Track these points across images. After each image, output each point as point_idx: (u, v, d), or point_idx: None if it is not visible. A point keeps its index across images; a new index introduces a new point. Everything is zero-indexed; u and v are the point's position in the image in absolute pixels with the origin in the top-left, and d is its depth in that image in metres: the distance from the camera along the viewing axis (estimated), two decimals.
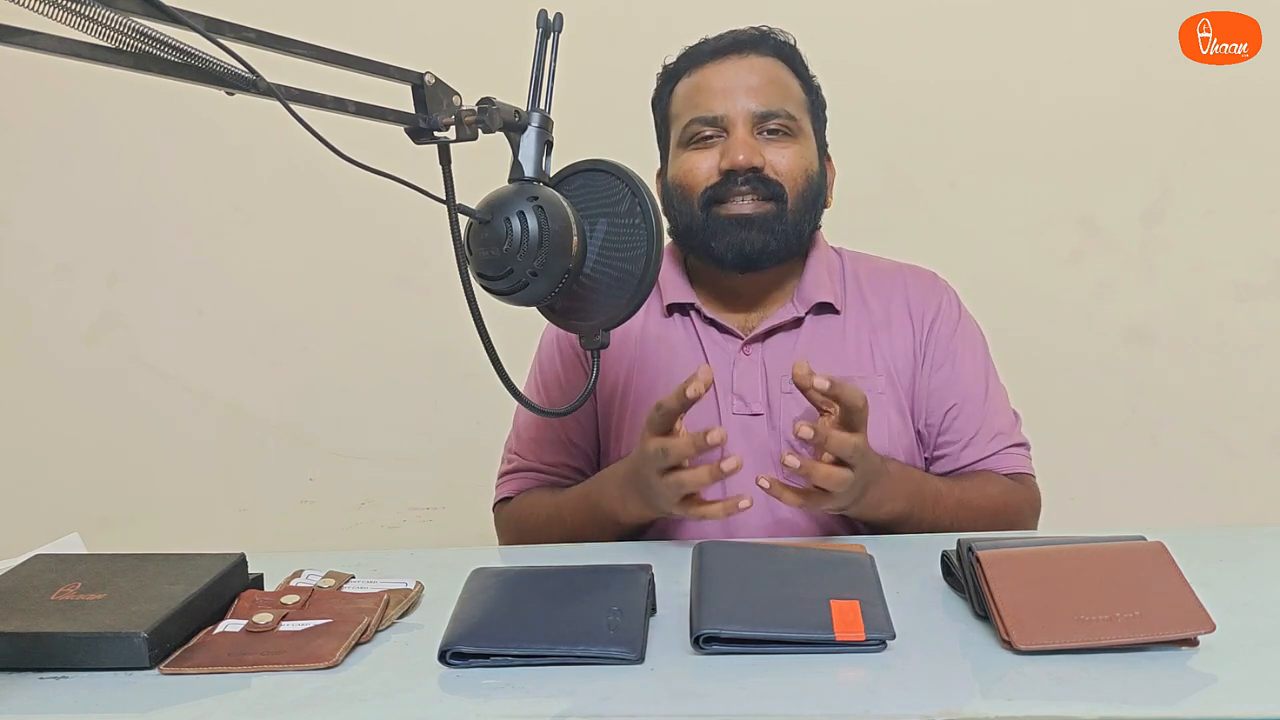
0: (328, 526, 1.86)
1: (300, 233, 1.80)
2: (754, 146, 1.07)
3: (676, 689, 0.65)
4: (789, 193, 1.08)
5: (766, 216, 1.08)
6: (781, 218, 1.08)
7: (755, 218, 1.07)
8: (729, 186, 1.08)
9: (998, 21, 1.66)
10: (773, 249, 1.08)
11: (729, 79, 1.09)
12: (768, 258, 1.09)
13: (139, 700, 0.67)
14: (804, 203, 1.10)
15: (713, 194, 1.08)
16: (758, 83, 1.09)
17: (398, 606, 0.79)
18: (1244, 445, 1.74)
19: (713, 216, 1.09)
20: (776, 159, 1.08)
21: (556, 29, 0.83)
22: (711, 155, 1.09)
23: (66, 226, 1.83)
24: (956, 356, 1.14)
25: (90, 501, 1.82)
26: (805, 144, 1.11)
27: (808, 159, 1.11)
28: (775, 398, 1.09)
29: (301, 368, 1.84)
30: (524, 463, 1.20)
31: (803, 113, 1.12)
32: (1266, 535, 0.94)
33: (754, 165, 1.06)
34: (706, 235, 1.09)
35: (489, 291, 0.80)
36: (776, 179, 1.08)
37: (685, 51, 1.14)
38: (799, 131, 1.10)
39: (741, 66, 1.10)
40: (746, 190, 1.07)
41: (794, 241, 1.11)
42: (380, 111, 0.72)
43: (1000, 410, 1.15)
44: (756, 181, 1.07)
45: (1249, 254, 1.70)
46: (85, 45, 0.55)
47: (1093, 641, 0.66)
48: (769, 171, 1.08)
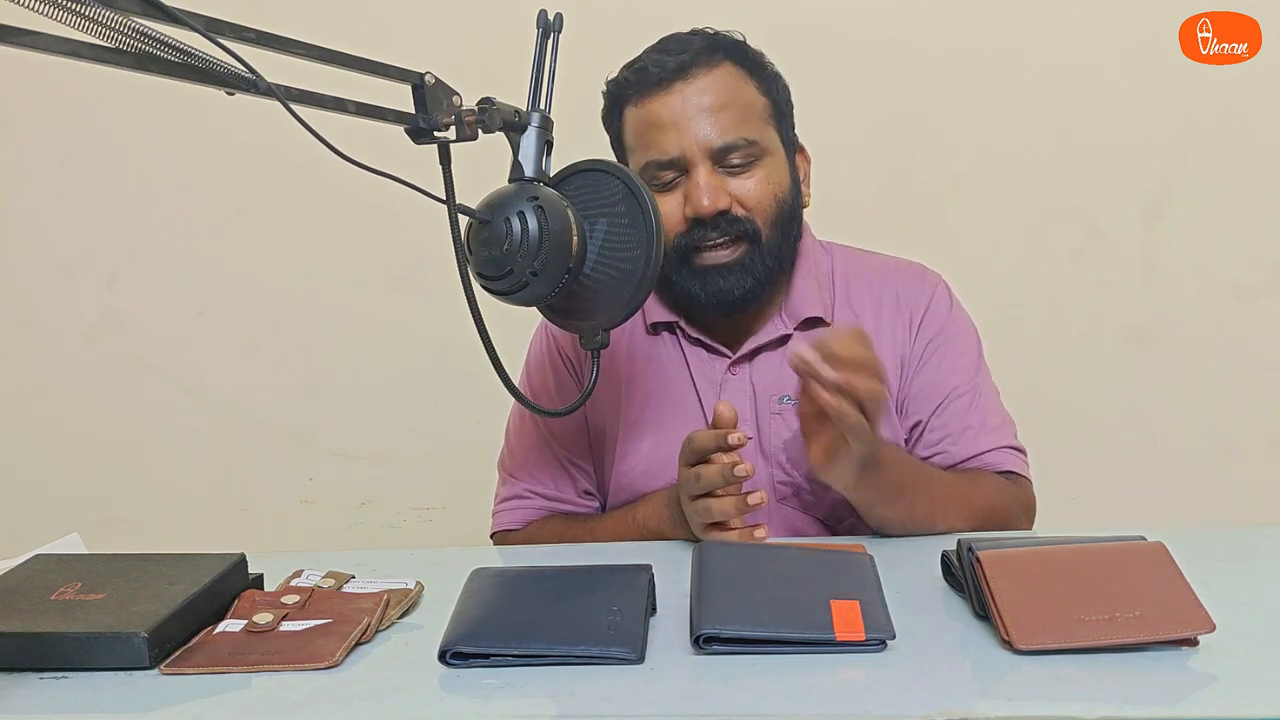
0: (328, 526, 1.86)
1: (300, 233, 1.80)
2: (717, 188, 1.01)
3: (676, 689, 0.65)
4: (761, 225, 1.03)
5: (743, 260, 1.03)
6: (757, 256, 1.04)
7: (733, 265, 1.03)
8: (700, 233, 1.02)
9: (998, 21, 1.66)
10: (754, 289, 1.04)
11: (679, 111, 1.01)
12: (750, 299, 1.05)
13: (139, 700, 0.67)
14: (778, 229, 1.05)
15: (685, 242, 1.03)
16: (711, 106, 1.01)
17: (398, 606, 0.79)
18: (1244, 445, 1.74)
19: (690, 266, 1.04)
20: (743, 192, 1.03)
21: (556, 29, 0.84)
22: (675, 199, 1.03)
23: (67, 226, 1.83)
24: (945, 353, 1.10)
25: (90, 501, 1.82)
26: (771, 163, 1.05)
27: (776, 180, 1.05)
28: (764, 419, 1.07)
29: (301, 368, 1.84)
30: (526, 489, 1.16)
31: (764, 126, 1.05)
32: (1266, 535, 0.94)
33: (720, 209, 1.01)
34: (685, 282, 1.05)
35: (489, 291, 0.80)
36: (746, 216, 1.03)
37: (627, 75, 1.06)
38: (763, 153, 1.04)
39: (691, 93, 1.01)
40: (716, 235, 1.02)
41: (775, 272, 1.07)
42: (380, 111, 0.72)
43: (991, 409, 1.11)
44: (725, 224, 1.02)
45: (1249, 254, 1.70)
46: (85, 45, 0.55)
47: (1093, 641, 0.66)
48: (736, 210, 1.03)
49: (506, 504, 1.17)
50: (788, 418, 1.06)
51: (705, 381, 1.09)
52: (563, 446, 1.16)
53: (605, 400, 1.12)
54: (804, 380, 0.86)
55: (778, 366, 1.08)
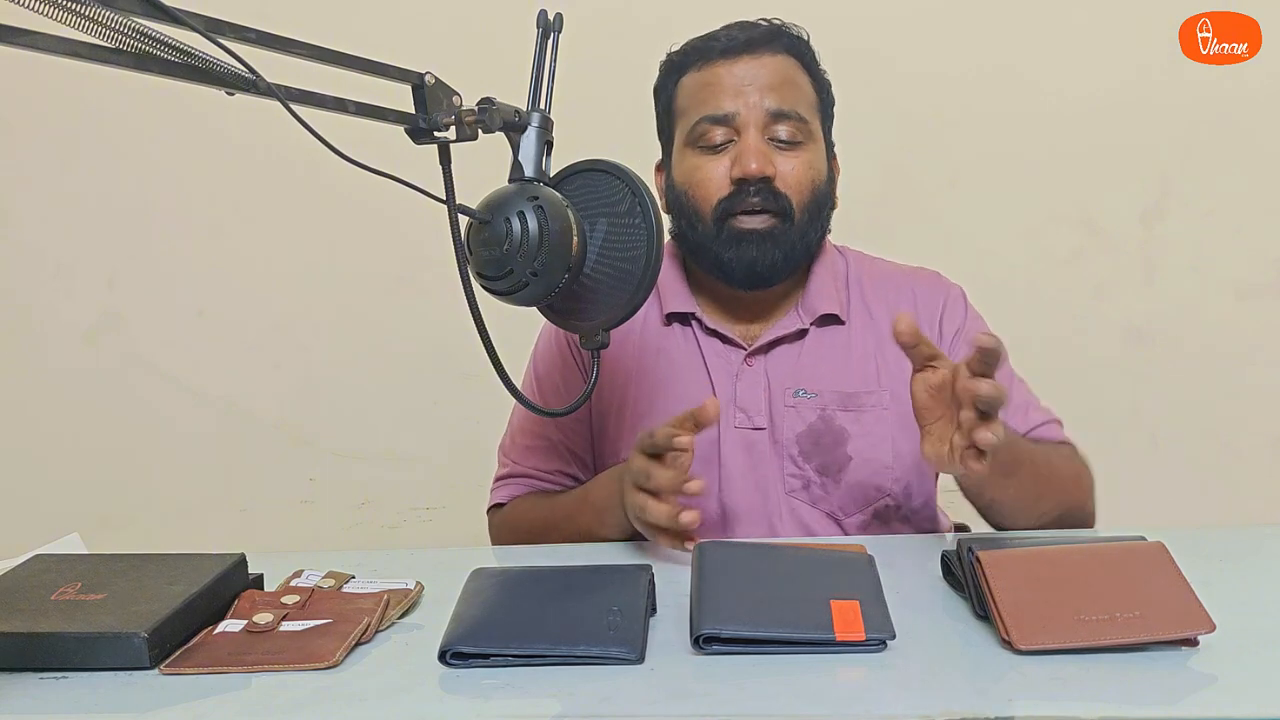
0: (328, 526, 1.86)
1: (300, 233, 1.80)
2: (766, 154, 1.04)
3: (676, 689, 0.65)
4: (795, 207, 1.06)
5: (774, 232, 1.05)
6: (788, 233, 1.06)
7: (765, 233, 1.05)
8: (741, 198, 1.05)
9: (998, 21, 1.66)
10: (781, 264, 1.06)
11: (741, 76, 1.06)
12: (776, 273, 1.07)
13: (139, 700, 0.67)
14: (809, 215, 1.07)
15: (726, 206, 1.05)
16: (771, 81, 1.06)
17: (398, 606, 0.79)
18: (1244, 445, 1.74)
19: (726, 230, 1.06)
20: (785, 169, 1.05)
21: (556, 29, 0.84)
22: (722, 162, 1.06)
23: (67, 226, 1.83)
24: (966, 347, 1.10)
25: (90, 501, 1.82)
26: (814, 151, 1.08)
27: (816, 168, 1.08)
28: (778, 411, 1.08)
29: (301, 368, 1.84)
30: (518, 468, 1.19)
31: (814, 114, 1.09)
32: (1266, 535, 0.94)
33: (766, 175, 1.04)
34: (719, 248, 1.06)
35: (489, 291, 0.80)
36: (785, 192, 1.05)
37: (694, 44, 1.11)
38: (809, 137, 1.07)
39: (754, 65, 1.06)
40: (757, 202, 1.04)
41: (801, 255, 1.09)
42: (380, 111, 0.72)
43: (1024, 391, 1.11)
44: (767, 193, 1.04)
45: (1249, 254, 1.70)
46: (85, 45, 0.55)
47: (1093, 641, 0.66)
48: (779, 184, 1.05)
49: (498, 482, 1.20)
50: (801, 411, 1.07)
51: (721, 373, 1.10)
52: (559, 429, 1.17)
53: (611, 391, 1.13)
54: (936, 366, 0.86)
55: (794, 360, 1.09)
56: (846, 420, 1.07)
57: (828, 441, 1.06)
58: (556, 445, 1.17)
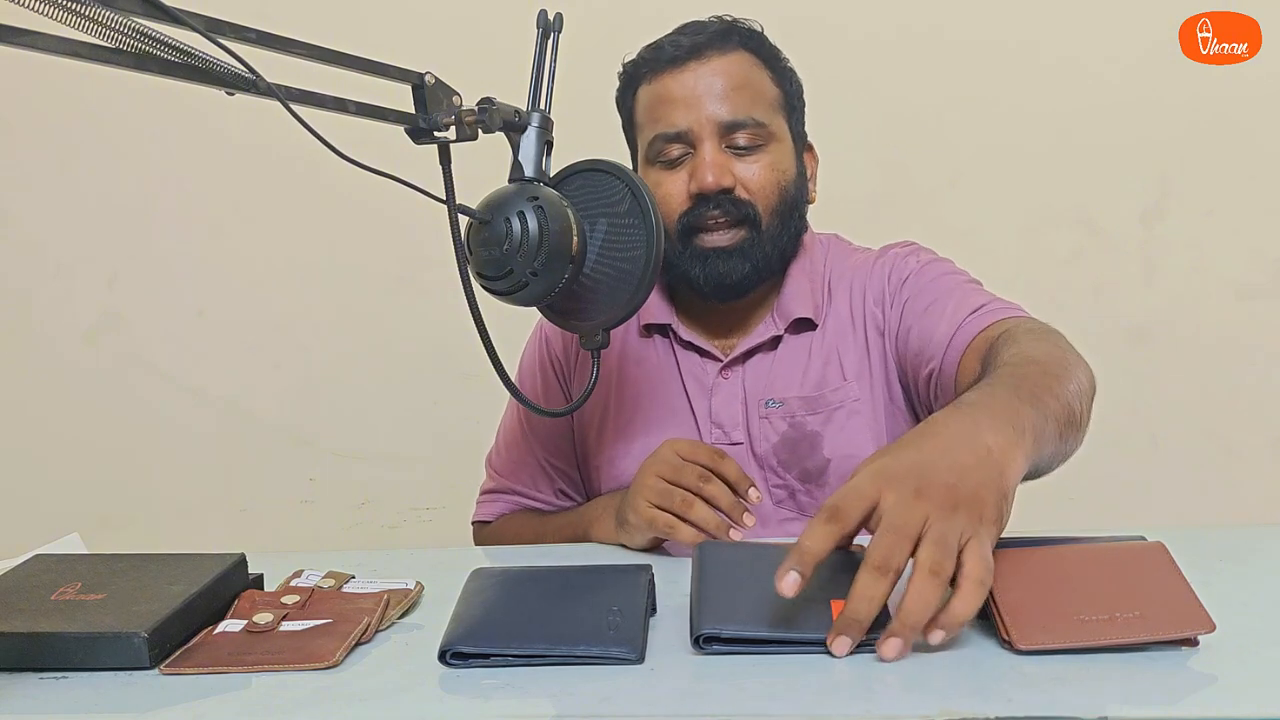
0: (328, 526, 1.86)
1: (300, 233, 1.80)
2: (723, 165, 1.02)
3: (676, 689, 0.65)
4: (762, 213, 1.03)
5: (742, 245, 1.03)
6: (757, 243, 1.04)
7: (732, 250, 1.03)
8: (702, 212, 1.02)
9: (998, 20, 1.66)
10: (751, 275, 1.04)
11: (691, 87, 1.02)
12: (747, 284, 1.05)
13: (139, 700, 0.67)
14: (779, 218, 1.05)
15: (688, 222, 1.03)
16: (723, 88, 1.02)
17: (398, 606, 0.79)
18: (1244, 445, 1.74)
19: (691, 248, 1.04)
20: (747, 175, 1.03)
21: (556, 29, 0.84)
22: (680, 177, 1.03)
23: (67, 226, 1.83)
24: (919, 286, 1.06)
25: (90, 501, 1.82)
26: (777, 151, 1.05)
27: (781, 168, 1.05)
28: (754, 422, 1.06)
29: (301, 368, 1.84)
30: (504, 484, 1.18)
31: (774, 113, 1.06)
32: (1266, 535, 0.94)
33: (724, 187, 1.01)
34: (685, 265, 1.05)
35: (489, 291, 0.80)
36: (748, 199, 1.03)
37: (644, 54, 1.08)
38: (770, 138, 1.04)
39: (704, 72, 1.02)
40: (719, 215, 1.02)
41: (774, 261, 1.06)
42: (380, 111, 0.72)
43: (978, 295, 1.03)
44: (728, 204, 1.02)
45: (1249, 254, 1.70)
46: (85, 45, 0.55)
47: (1093, 641, 0.66)
48: (740, 192, 1.03)
49: (485, 497, 1.20)
50: (774, 421, 1.06)
51: (696, 385, 1.09)
52: (542, 447, 1.16)
53: (593, 402, 1.13)
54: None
55: (768, 369, 1.08)
56: (816, 423, 1.05)
57: (804, 449, 1.05)
58: (540, 461, 1.17)
